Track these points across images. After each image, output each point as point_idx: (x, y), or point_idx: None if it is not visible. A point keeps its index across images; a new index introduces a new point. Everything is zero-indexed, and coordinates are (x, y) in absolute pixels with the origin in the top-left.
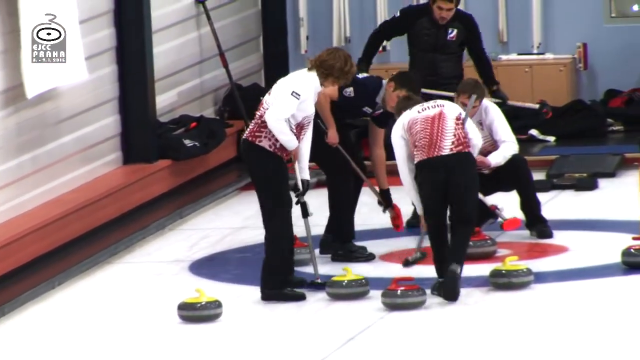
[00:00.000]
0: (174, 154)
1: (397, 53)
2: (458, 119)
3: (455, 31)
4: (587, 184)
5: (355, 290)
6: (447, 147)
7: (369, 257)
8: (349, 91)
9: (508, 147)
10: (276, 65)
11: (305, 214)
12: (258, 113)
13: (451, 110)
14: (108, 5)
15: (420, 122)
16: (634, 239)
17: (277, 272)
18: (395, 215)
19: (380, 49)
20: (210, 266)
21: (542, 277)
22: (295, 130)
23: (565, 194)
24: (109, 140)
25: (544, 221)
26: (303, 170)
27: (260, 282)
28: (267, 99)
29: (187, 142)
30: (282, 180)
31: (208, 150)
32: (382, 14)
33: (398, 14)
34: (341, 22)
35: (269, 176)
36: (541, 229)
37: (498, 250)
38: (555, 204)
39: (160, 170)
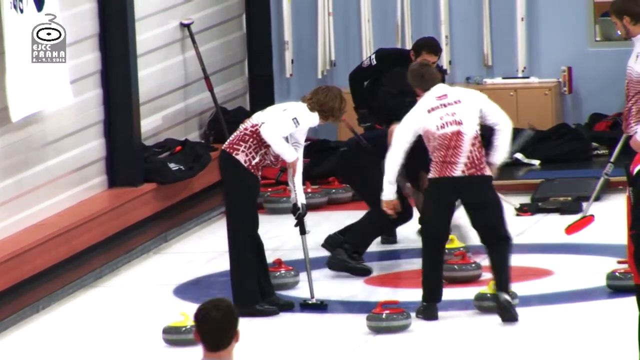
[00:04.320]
0: (159, 177)
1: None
2: (475, 137)
3: None
4: (572, 208)
5: None
6: (459, 168)
7: (363, 272)
8: None
9: None
10: (261, 89)
11: (302, 231)
12: (242, 126)
13: (469, 128)
14: (93, 29)
15: (438, 138)
16: (619, 262)
17: (245, 288)
18: None
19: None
20: (195, 290)
21: (527, 301)
22: (278, 159)
23: (550, 217)
24: (94, 163)
25: None
26: (300, 194)
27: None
28: (258, 115)
29: (172, 166)
30: (251, 200)
31: (193, 174)
32: (367, 38)
33: (375, 61)
34: (326, 45)
35: (238, 194)
36: None
37: (483, 273)
38: (540, 228)
39: (145, 193)
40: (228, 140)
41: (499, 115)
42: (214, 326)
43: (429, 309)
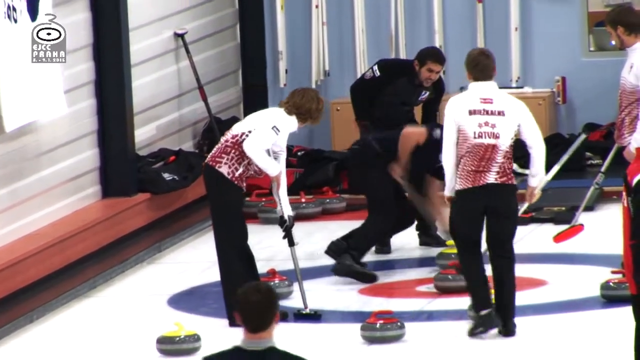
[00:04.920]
0: (153, 187)
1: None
2: (508, 151)
3: (427, 93)
4: (566, 218)
5: None
6: (491, 177)
7: (370, 278)
8: (439, 133)
9: None
10: (255, 99)
11: (291, 242)
12: (223, 139)
13: (505, 142)
14: (87, 39)
15: (473, 146)
16: (613, 272)
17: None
18: None
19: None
20: (189, 300)
21: (521, 311)
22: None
23: (544, 227)
24: (88, 173)
25: None
26: (286, 206)
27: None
28: (237, 126)
29: (166, 176)
30: (237, 212)
31: (187, 183)
32: (361, 48)
33: (378, 72)
34: (320, 55)
35: (223, 207)
36: None
37: None
38: (533, 238)
39: (139, 203)
40: (210, 154)
41: (534, 136)
42: (254, 308)
43: (487, 317)
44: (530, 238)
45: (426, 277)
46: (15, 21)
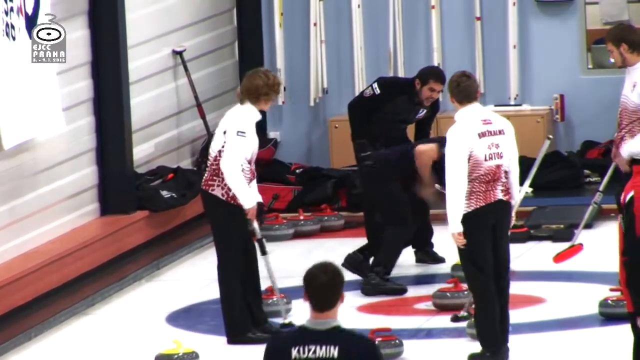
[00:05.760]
0: (151, 205)
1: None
2: (507, 171)
3: (424, 112)
4: (564, 235)
5: None
6: (499, 194)
7: (400, 291)
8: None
9: None
10: None
11: (263, 251)
12: (209, 162)
13: (507, 161)
14: (86, 57)
15: (484, 169)
16: (611, 290)
17: (235, 317)
18: None
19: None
20: (187, 317)
21: (519, 328)
22: (250, 166)
23: (542, 244)
24: (87, 191)
25: None
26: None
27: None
28: (213, 146)
29: (165, 194)
30: (236, 231)
31: (185, 201)
32: (360, 65)
33: (378, 90)
34: (318, 73)
35: (222, 225)
36: None
37: None
38: (532, 255)
39: (137, 221)
40: (204, 178)
41: (515, 160)
42: (321, 289)
43: (499, 356)
44: (528, 256)
45: (424, 294)
46: (14, 39)
